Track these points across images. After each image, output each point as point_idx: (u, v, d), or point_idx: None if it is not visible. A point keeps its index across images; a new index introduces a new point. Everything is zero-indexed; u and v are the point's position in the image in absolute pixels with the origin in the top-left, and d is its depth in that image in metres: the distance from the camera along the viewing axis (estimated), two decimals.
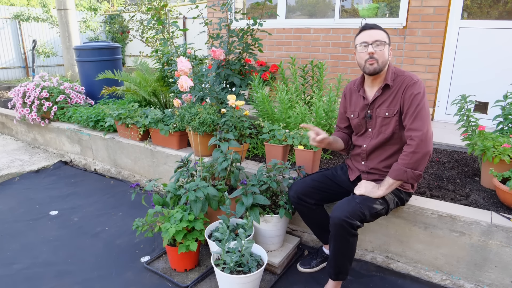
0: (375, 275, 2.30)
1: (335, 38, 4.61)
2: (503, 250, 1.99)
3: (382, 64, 1.92)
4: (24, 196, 3.49)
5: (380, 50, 1.90)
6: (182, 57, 2.89)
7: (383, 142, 2.02)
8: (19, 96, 4.32)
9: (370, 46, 1.90)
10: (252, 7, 5.52)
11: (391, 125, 1.98)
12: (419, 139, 1.82)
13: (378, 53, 1.90)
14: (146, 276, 2.33)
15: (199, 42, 8.68)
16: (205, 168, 2.65)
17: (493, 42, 3.73)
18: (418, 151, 1.82)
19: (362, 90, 2.09)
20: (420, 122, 1.84)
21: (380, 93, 2.00)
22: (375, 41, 1.90)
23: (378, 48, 1.90)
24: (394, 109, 1.96)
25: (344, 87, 2.26)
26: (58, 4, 6.92)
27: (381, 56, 1.91)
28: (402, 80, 1.95)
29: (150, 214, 2.39)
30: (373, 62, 1.91)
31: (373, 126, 2.07)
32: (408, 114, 1.88)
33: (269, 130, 2.79)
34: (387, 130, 2.00)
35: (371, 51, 1.89)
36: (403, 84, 1.93)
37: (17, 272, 2.37)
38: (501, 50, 3.70)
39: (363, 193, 1.95)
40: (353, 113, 2.16)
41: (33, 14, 9.81)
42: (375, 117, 2.04)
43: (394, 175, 1.89)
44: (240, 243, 2.01)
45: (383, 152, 2.05)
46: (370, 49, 1.90)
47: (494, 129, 2.76)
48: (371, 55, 1.90)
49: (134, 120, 3.48)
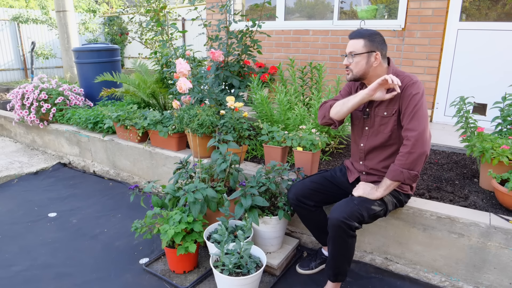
0: (374, 277, 2.30)
1: (334, 39, 4.62)
2: (502, 252, 1.99)
3: (358, 73, 1.98)
4: (23, 198, 3.48)
5: (353, 61, 1.96)
6: (181, 58, 2.89)
7: (382, 142, 2.02)
8: (18, 98, 4.31)
9: (346, 58, 1.99)
10: (251, 8, 5.53)
11: (390, 124, 1.99)
12: (414, 139, 1.81)
13: (352, 64, 1.97)
14: (145, 278, 2.32)
15: (198, 43, 8.69)
16: (204, 170, 2.65)
17: (492, 43, 3.74)
18: (413, 151, 1.81)
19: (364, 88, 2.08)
20: (417, 122, 1.84)
21: None
22: (350, 52, 1.96)
23: (352, 59, 1.96)
24: (393, 108, 1.96)
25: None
26: (57, 6, 6.92)
27: (355, 66, 1.96)
28: (401, 80, 1.94)
29: (149, 216, 2.38)
30: (348, 72, 2.01)
31: (370, 124, 2.07)
32: (406, 114, 1.89)
33: (268, 131, 2.79)
34: (386, 130, 2.00)
35: (346, 63, 1.99)
36: (402, 84, 1.93)
37: (15, 274, 2.36)
38: (500, 51, 3.71)
39: (361, 194, 1.95)
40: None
41: (32, 16, 9.82)
42: (373, 116, 2.04)
43: (391, 176, 1.89)
44: (239, 245, 2.01)
45: (382, 152, 2.05)
46: (345, 60, 2.00)
47: (492, 130, 2.77)
48: (346, 66, 2.00)
49: (133, 121, 3.48)
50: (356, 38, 1.96)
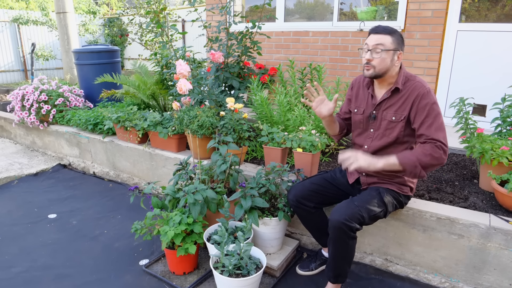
0: (374, 278, 2.30)
1: (333, 41, 4.62)
2: (501, 253, 1.99)
3: (380, 70, 1.90)
4: (23, 199, 3.48)
5: (378, 57, 1.87)
6: (181, 60, 2.89)
7: (386, 145, 2.00)
8: (18, 99, 4.32)
9: (369, 52, 1.88)
10: (251, 10, 5.53)
11: (397, 129, 1.96)
12: (443, 151, 1.80)
13: (375, 60, 1.87)
14: (145, 279, 2.32)
15: (198, 45, 8.70)
16: (204, 171, 2.65)
17: (491, 44, 3.75)
18: (438, 160, 1.80)
19: (372, 88, 2.06)
20: (441, 133, 1.82)
21: (388, 95, 1.97)
22: (375, 47, 1.86)
23: (377, 55, 1.87)
24: (402, 114, 1.93)
25: (354, 78, 2.21)
26: (57, 8, 6.93)
27: (380, 63, 1.87)
28: (413, 85, 1.92)
29: (149, 217, 2.38)
30: (369, 68, 1.91)
31: (376, 127, 2.05)
32: (425, 123, 1.85)
33: (268, 132, 2.79)
34: (392, 134, 1.98)
35: (368, 58, 1.88)
36: (415, 90, 1.90)
37: (15, 276, 2.36)
38: (499, 52, 3.72)
39: (362, 165, 1.85)
40: (357, 108, 2.12)
41: (32, 18, 9.84)
42: (380, 119, 2.01)
43: (403, 161, 1.82)
44: (239, 246, 2.01)
45: (385, 155, 2.03)
46: (368, 55, 1.88)
47: (492, 131, 2.77)
48: (368, 61, 1.89)
49: (133, 123, 3.48)
50: (383, 33, 1.87)
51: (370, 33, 1.92)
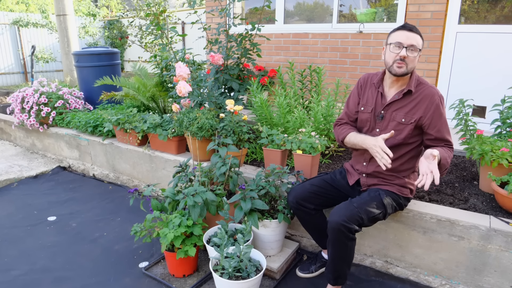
0: (374, 280, 2.30)
1: (333, 43, 4.63)
2: (502, 255, 1.99)
3: (410, 70, 1.90)
4: (22, 201, 3.47)
5: (412, 56, 1.86)
6: (181, 62, 2.90)
7: (391, 147, 1.97)
8: (18, 101, 4.32)
9: (404, 49, 1.84)
10: (250, 12, 5.54)
11: (405, 132, 1.96)
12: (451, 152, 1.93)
13: (410, 58, 1.86)
14: (145, 282, 2.32)
15: (198, 47, 8.71)
16: (204, 173, 2.65)
17: (491, 46, 3.75)
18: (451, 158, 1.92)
19: (382, 88, 2.05)
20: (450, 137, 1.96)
21: (400, 96, 1.96)
22: (411, 45, 1.84)
23: (411, 53, 1.85)
24: (412, 117, 1.93)
25: (361, 76, 2.18)
26: (57, 10, 6.95)
27: (412, 62, 1.87)
28: (426, 90, 1.93)
29: (149, 220, 2.38)
30: (402, 66, 1.87)
31: (382, 127, 2.02)
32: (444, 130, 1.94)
33: (267, 134, 2.79)
34: (399, 136, 1.97)
35: (404, 55, 1.84)
36: (427, 95, 1.92)
37: (14, 279, 2.35)
38: (499, 54, 3.72)
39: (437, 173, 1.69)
40: (364, 107, 2.09)
41: (32, 20, 9.85)
42: (389, 120, 2.00)
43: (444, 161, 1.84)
44: (239, 248, 2.00)
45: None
46: (403, 52, 1.84)
47: (492, 133, 2.77)
48: (403, 58, 1.85)
49: (132, 125, 3.48)
50: (417, 33, 1.86)
51: (402, 28, 1.88)
